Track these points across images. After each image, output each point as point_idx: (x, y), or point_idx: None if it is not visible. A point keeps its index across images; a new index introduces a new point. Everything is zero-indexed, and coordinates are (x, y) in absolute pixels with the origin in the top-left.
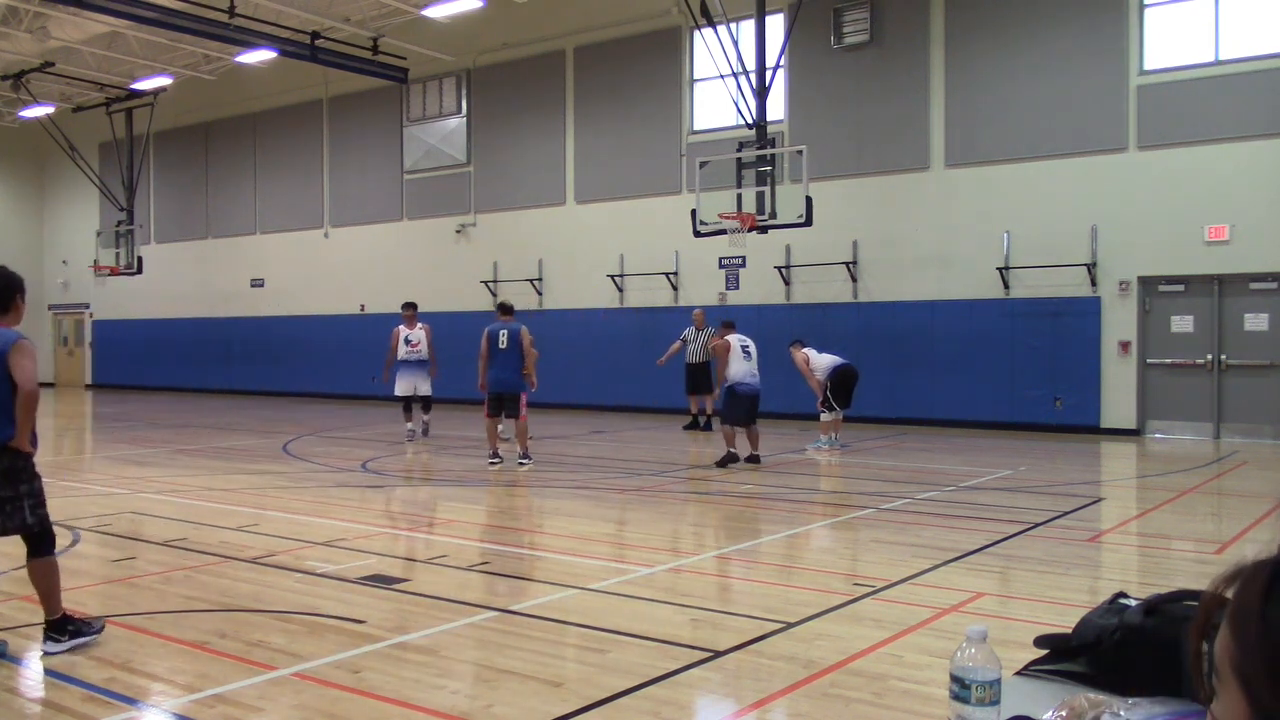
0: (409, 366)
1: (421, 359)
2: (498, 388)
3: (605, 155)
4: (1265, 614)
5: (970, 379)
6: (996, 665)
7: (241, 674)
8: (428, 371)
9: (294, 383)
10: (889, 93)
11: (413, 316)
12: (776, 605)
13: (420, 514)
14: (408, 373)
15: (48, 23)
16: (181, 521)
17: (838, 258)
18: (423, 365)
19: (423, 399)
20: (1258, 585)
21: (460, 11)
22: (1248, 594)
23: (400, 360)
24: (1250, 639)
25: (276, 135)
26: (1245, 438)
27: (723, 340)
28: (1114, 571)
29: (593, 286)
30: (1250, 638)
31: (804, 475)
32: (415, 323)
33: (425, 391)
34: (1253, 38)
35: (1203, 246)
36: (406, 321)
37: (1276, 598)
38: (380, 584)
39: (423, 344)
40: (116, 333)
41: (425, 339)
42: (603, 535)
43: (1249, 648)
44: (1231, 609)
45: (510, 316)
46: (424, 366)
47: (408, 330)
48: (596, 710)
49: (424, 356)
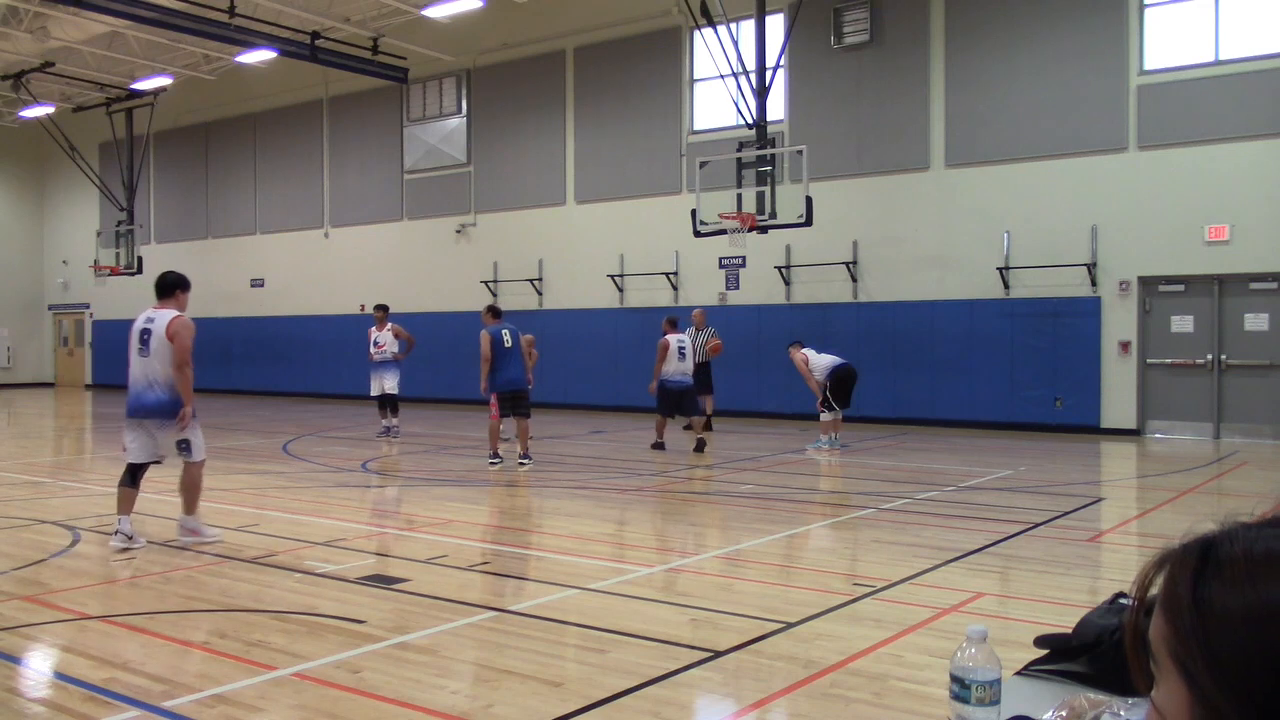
0: (376, 367)
1: (385, 359)
2: (512, 386)
3: (605, 155)
4: (1198, 598)
5: (970, 379)
6: (996, 665)
7: (241, 674)
8: (396, 371)
9: (294, 383)
10: (889, 93)
11: (383, 318)
12: (776, 605)
13: (420, 514)
14: (376, 373)
15: (48, 23)
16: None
17: (838, 258)
18: (390, 365)
19: (390, 400)
20: (1188, 569)
21: (460, 11)
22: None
23: (373, 362)
24: (1185, 625)
25: (276, 135)
26: (1245, 438)
27: (663, 339)
28: (1114, 571)
29: (593, 286)
30: (1185, 624)
31: (804, 475)
32: (385, 324)
33: (391, 390)
34: (1253, 38)
35: (1203, 246)
36: (377, 323)
37: (1207, 580)
38: (380, 584)
39: (389, 345)
40: (116, 333)
41: (393, 340)
42: (603, 535)
43: (1184, 634)
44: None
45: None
46: (392, 366)
47: (376, 332)
48: (596, 710)
49: (387, 357)
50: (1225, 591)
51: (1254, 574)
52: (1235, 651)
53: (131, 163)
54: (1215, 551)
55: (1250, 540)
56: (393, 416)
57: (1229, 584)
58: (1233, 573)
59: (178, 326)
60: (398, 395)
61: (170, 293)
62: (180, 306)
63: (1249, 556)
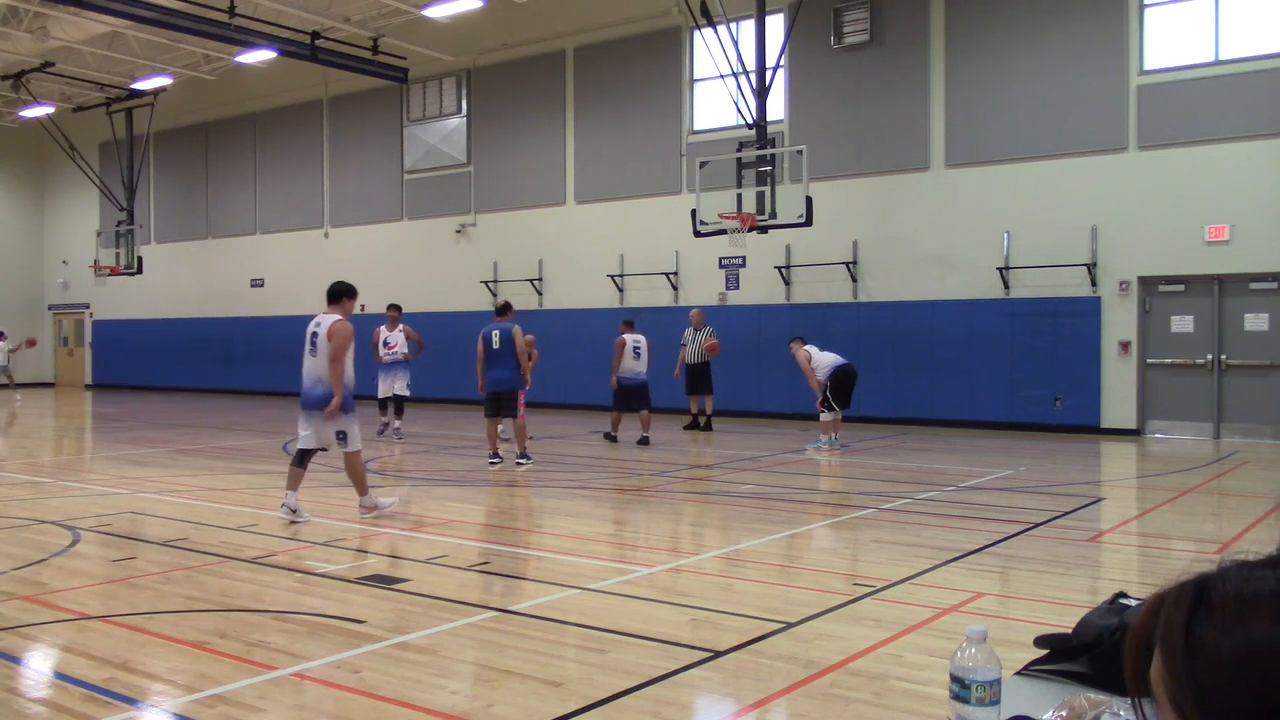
0: (387, 369)
1: (396, 360)
2: (494, 387)
3: (605, 155)
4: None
5: (970, 379)
6: (996, 665)
7: (241, 674)
8: (406, 373)
9: (294, 383)
10: (889, 93)
11: (396, 319)
12: (776, 605)
13: (420, 514)
14: (386, 374)
15: (48, 23)
16: (181, 521)
17: (838, 258)
18: (401, 366)
19: (397, 401)
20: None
21: (460, 11)
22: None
23: (383, 363)
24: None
25: (276, 135)
26: (1245, 438)
27: (619, 339)
28: (1114, 571)
29: (593, 286)
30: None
31: (804, 475)
32: (396, 325)
33: (402, 392)
34: (1253, 38)
35: (1203, 246)
36: (389, 323)
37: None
38: (380, 584)
39: (400, 346)
40: (116, 333)
41: (404, 340)
42: (603, 535)
43: (1177, 674)
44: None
45: (505, 316)
46: (402, 367)
47: (387, 332)
48: (596, 710)
49: (398, 358)
50: (1216, 632)
51: (1244, 615)
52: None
53: (131, 163)
54: (1209, 593)
55: (1243, 581)
56: (396, 418)
57: (1220, 625)
58: (1224, 614)
59: (334, 329)
60: (407, 397)
61: (338, 300)
62: (345, 312)
63: (1240, 598)
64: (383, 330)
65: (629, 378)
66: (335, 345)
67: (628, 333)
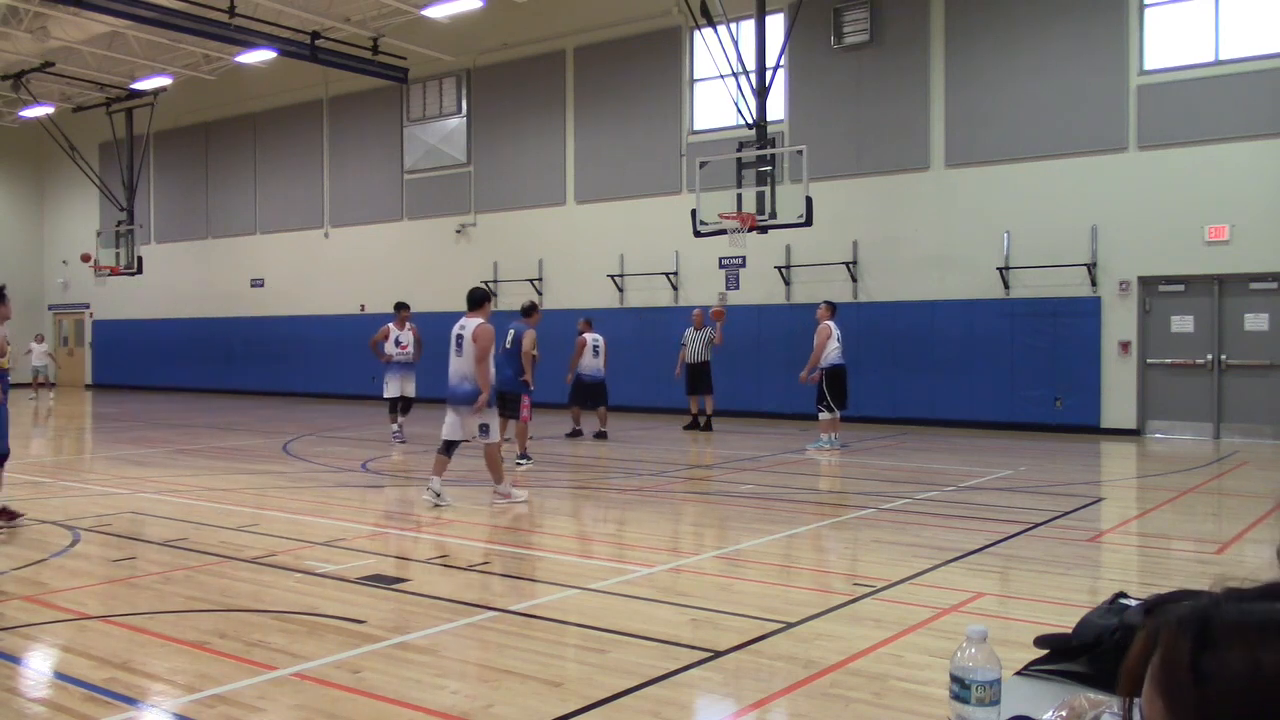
0: (398, 369)
1: (407, 360)
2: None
3: (605, 155)
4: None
5: (970, 379)
6: (996, 665)
7: (241, 674)
8: (413, 374)
9: (294, 383)
10: (889, 93)
11: (406, 317)
12: (776, 605)
13: (420, 514)
14: (395, 374)
15: (48, 23)
16: (181, 521)
17: (838, 258)
18: (410, 367)
19: (405, 401)
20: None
21: (460, 11)
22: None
23: (392, 362)
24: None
25: (276, 135)
26: (1245, 438)
27: (580, 338)
28: (1114, 571)
29: (593, 286)
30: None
31: (804, 475)
32: (406, 324)
33: (410, 393)
34: (1253, 38)
35: (1203, 246)
36: (398, 322)
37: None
38: (380, 584)
39: (411, 345)
40: (116, 333)
41: (414, 340)
42: (603, 535)
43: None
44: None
45: (527, 318)
46: (411, 368)
47: (398, 331)
48: (596, 710)
49: (408, 358)
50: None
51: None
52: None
53: (131, 163)
54: (1210, 625)
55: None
56: (400, 417)
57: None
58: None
59: (479, 332)
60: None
61: (479, 305)
62: (485, 315)
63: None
64: (392, 328)
65: (588, 374)
66: (481, 347)
67: (587, 331)
